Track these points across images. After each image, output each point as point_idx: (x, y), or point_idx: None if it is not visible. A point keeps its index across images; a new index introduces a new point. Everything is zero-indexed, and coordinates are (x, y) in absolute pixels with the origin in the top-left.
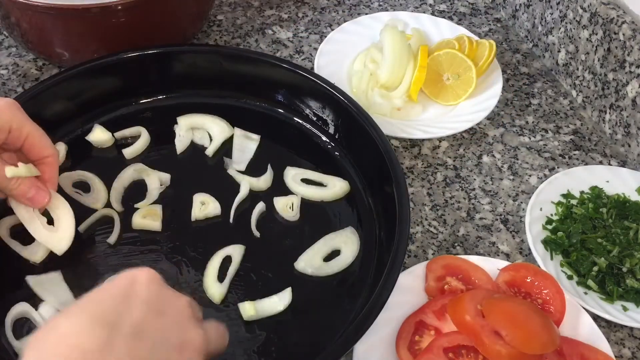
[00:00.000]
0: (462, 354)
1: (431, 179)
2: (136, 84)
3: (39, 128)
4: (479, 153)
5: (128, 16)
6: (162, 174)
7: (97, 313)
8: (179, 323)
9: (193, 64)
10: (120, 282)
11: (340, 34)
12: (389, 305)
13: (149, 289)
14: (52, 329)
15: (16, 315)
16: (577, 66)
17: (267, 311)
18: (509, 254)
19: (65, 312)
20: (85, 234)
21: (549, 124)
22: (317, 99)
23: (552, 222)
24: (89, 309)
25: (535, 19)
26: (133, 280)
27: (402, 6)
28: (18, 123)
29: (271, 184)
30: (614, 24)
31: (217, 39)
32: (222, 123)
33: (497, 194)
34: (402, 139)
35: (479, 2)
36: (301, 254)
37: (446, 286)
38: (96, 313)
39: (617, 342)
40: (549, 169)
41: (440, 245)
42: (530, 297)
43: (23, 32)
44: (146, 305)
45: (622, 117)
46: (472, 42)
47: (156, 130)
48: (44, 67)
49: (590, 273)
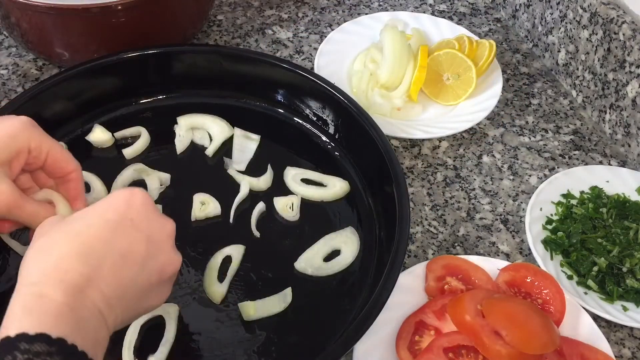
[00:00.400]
0: (462, 354)
1: (431, 179)
2: (136, 84)
3: (57, 143)
4: (479, 153)
5: (128, 16)
6: (162, 174)
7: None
8: (162, 248)
9: (193, 64)
10: (115, 206)
11: (340, 34)
12: (389, 305)
13: (141, 213)
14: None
15: None
16: (577, 66)
17: (267, 311)
18: (509, 254)
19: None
20: None
21: (549, 124)
22: (317, 99)
23: (552, 222)
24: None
25: (535, 19)
26: (128, 203)
27: (402, 6)
28: (36, 141)
29: (271, 184)
30: (614, 24)
31: (217, 39)
32: (222, 123)
33: (497, 194)
34: (402, 139)
35: (479, 2)
36: (301, 254)
37: (446, 286)
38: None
39: (617, 342)
40: (549, 169)
41: (440, 245)
42: (530, 297)
43: (23, 32)
44: (136, 230)
45: (622, 117)
46: (472, 42)
47: (156, 130)
48: (44, 67)
49: (590, 273)
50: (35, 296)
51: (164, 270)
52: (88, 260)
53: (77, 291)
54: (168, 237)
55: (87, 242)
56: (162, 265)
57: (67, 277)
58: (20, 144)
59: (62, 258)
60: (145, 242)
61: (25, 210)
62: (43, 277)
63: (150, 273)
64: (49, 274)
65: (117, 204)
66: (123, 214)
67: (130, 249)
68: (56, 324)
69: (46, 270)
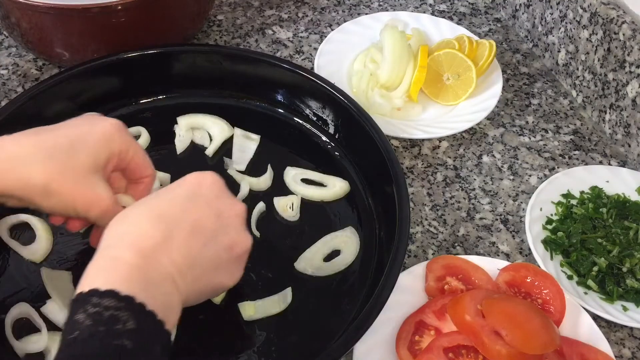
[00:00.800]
0: (462, 354)
1: (431, 179)
2: (136, 84)
3: (141, 147)
4: (479, 153)
5: (128, 16)
6: (162, 174)
7: (163, 209)
8: (232, 225)
9: (193, 64)
10: (188, 183)
11: (340, 34)
12: (389, 305)
13: (212, 191)
14: (128, 216)
15: (16, 316)
16: (577, 66)
17: (267, 311)
18: (509, 254)
19: (140, 204)
20: (85, 234)
21: (549, 124)
22: (317, 99)
23: (552, 222)
24: (157, 206)
25: (535, 19)
26: (199, 182)
27: (402, 6)
28: (126, 145)
29: (271, 184)
30: (614, 24)
31: (217, 39)
32: (222, 123)
33: (497, 194)
34: (402, 139)
35: (479, 2)
36: (301, 254)
37: (446, 286)
38: (162, 209)
39: (617, 342)
40: (549, 169)
41: (440, 245)
42: (530, 297)
43: (23, 32)
44: (207, 205)
45: (622, 117)
46: (472, 42)
47: (156, 130)
48: (44, 67)
49: (590, 273)
50: (109, 258)
51: (233, 247)
52: (160, 226)
53: (149, 254)
54: (237, 216)
55: (159, 210)
56: (231, 241)
57: (139, 240)
58: (115, 148)
59: (136, 224)
60: (215, 217)
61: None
62: (117, 241)
63: (219, 247)
64: (122, 237)
65: (189, 182)
66: (194, 190)
67: (200, 222)
68: (126, 283)
69: (120, 235)
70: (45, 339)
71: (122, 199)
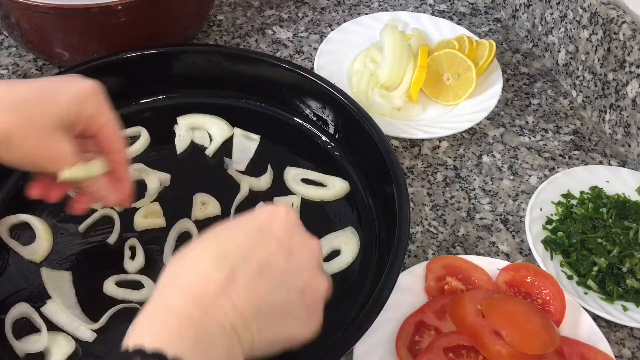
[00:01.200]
0: (462, 354)
1: (431, 179)
2: (136, 84)
3: (114, 120)
4: (479, 153)
5: (128, 16)
6: (162, 174)
7: (228, 246)
8: (305, 266)
9: (193, 64)
10: (258, 217)
11: (340, 34)
12: (389, 305)
13: (284, 227)
14: (187, 254)
15: (16, 316)
16: (577, 66)
17: None
18: (509, 254)
19: (202, 240)
20: (85, 234)
21: (549, 124)
22: (317, 99)
23: (552, 222)
24: (222, 241)
25: (535, 19)
26: (271, 217)
27: (402, 6)
28: (98, 110)
29: (271, 184)
30: (614, 24)
31: (217, 39)
32: (222, 123)
33: (497, 194)
34: (402, 139)
35: (479, 2)
36: None
37: (446, 286)
38: (227, 246)
39: (617, 342)
40: (549, 169)
41: (440, 245)
42: (530, 297)
43: (23, 32)
44: (278, 243)
45: (622, 117)
46: (472, 42)
47: (156, 130)
48: (44, 67)
49: (590, 273)
50: (160, 305)
51: (306, 291)
52: (222, 266)
53: (207, 302)
54: (312, 256)
55: (222, 246)
56: (304, 285)
57: (197, 284)
58: (86, 109)
59: (196, 263)
60: (286, 256)
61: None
62: (172, 283)
63: (290, 291)
64: (177, 280)
65: (259, 215)
66: (264, 225)
67: (268, 260)
68: (175, 339)
69: (176, 276)
70: (45, 339)
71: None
